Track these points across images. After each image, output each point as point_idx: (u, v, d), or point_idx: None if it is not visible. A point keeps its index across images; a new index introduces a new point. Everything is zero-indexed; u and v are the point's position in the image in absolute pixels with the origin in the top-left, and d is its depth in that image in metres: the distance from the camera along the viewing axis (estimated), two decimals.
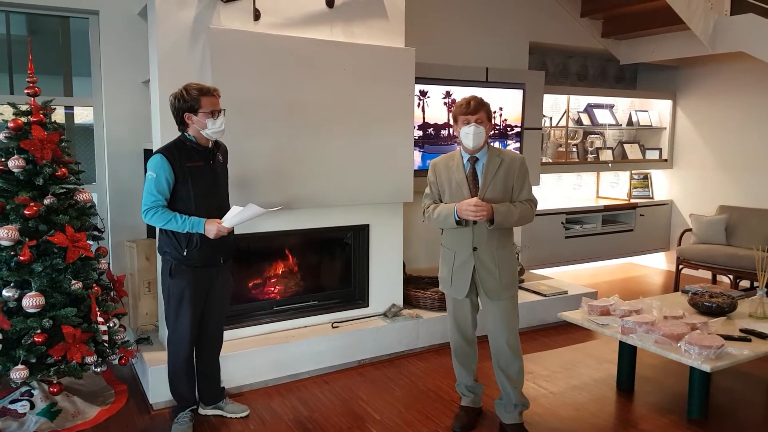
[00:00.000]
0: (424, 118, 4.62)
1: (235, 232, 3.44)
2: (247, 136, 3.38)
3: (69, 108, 4.06)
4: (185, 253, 2.80)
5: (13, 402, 3.12)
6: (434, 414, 3.20)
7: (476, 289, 2.90)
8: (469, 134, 2.76)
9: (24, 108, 3.09)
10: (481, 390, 3.15)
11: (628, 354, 3.55)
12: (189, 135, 2.83)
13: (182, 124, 2.81)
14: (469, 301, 2.94)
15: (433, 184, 2.98)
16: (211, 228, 2.73)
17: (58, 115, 3.94)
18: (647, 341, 3.08)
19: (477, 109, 2.76)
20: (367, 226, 3.99)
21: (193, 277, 2.85)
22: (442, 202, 2.93)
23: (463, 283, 2.87)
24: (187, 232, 2.76)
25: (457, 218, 2.77)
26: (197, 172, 2.80)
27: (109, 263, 3.43)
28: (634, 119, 6.59)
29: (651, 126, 6.65)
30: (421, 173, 4.45)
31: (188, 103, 2.73)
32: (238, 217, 2.79)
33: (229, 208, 2.93)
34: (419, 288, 4.32)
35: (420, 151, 4.59)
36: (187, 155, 2.79)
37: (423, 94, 4.58)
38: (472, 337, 3.03)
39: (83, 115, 4.10)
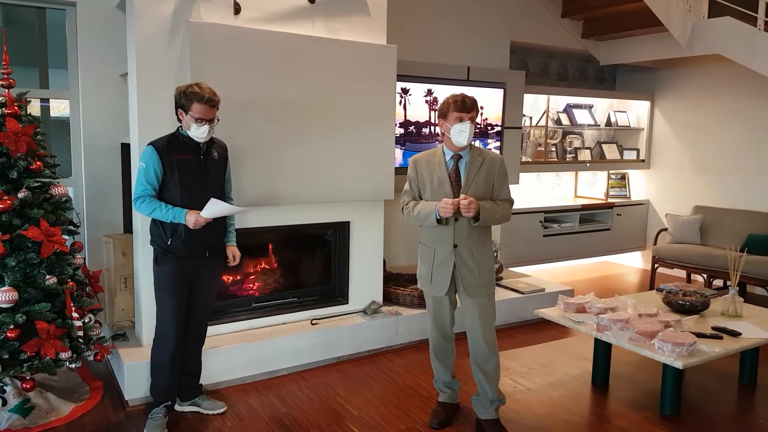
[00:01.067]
0: (405, 115, 4.63)
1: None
2: (226, 131, 3.34)
3: (45, 101, 3.99)
4: (169, 242, 2.84)
5: None
6: (412, 410, 3.22)
7: (455, 286, 2.91)
8: (463, 132, 2.75)
9: None
10: (459, 386, 3.18)
11: (603, 351, 3.61)
12: (183, 130, 2.86)
13: (178, 117, 2.84)
14: (448, 299, 2.97)
15: (413, 180, 2.98)
16: (190, 218, 2.78)
17: (34, 108, 3.87)
18: (622, 338, 3.13)
19: (472, 107, 2.78)
20: (348, 223, 3.99)
21: (177, 266, 2.88)
22: (421, 198, 2.94)
23: (443, 280, 2.89)
24: (171, 222, 2.80)
25: (438, 216, 2.78)
26: (185, 165, 2.83)
27: (84, 258, 3.38)
28: (612, 120, 6.67)
29: (629, 127, 6.75)
30: (402, 171, 4.47)
31: (182, 101, 2.77)
32: (210, 210, 2.81)
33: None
34: (399, 285, 4.34)
35: (401, 149, 4.60)
36: (177, 148, 2.83)
37: (405, 91, 4.59)
38: (450, 333, 3.05)
39: (59, 108, 4.03)
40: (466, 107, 2.76)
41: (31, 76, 3.91)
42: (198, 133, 2.81)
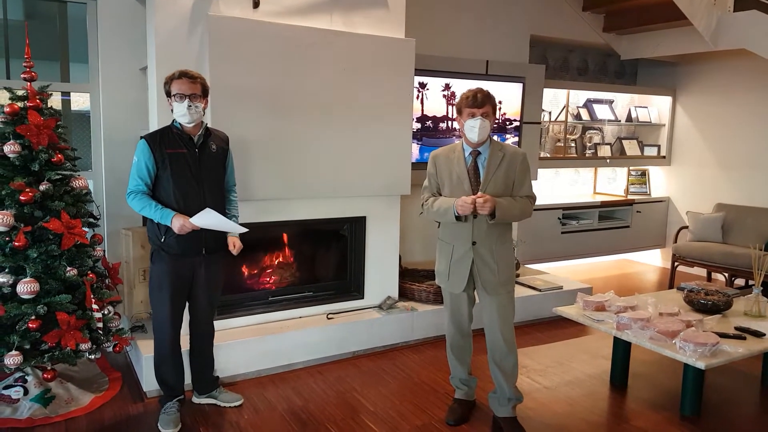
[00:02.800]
0: (422, 110, 4.59)
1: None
2: (244, 124, 3.36)
3: (66, 94, 4.03)
4: (162, 240, 2.82)
5: (6, 388, 3.12)
6: (428, 406, 3.21)
7: (473, 283, 2.89)
8: (474, 127, 2.73)
9: (20, 93, 3.07)
10: (475, 383, 3.16)
11: (622, 350, 3.56)
12: (176, 122, 2.83)
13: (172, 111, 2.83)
14: (466, 296, 2.94)
15: (432, 176, 2.95)
16: (176, 222, 2.72)
17: (55, 102, 3.91)
18: (642, 338, 3.09)
19: (483, 102, 2.73)
20: (364, 218, 3.98)
21: (172, 264, 2.85)
22: (440, 194, 2.92)
23: (461, 277, 2.86)
24: (171, 204, 2.77)
25: (457, 213, 2.76)
26: (177, 160, 2.78)
27: (104, 251, 3.41)
28: (633, 115, 6.58)
29: (650, 122, 6.64)
30: (419, 166, 4.45)
31: (166, 87, 2.76)
32: (204, 221, 2.75)
33: (222, 199, 2.95)
34: (415, 281, 4.32)
35: (418, 144, 4.58)
36: (170, 142, 2.78)
37: (422, 86, 4.56)
38: (467, 330, 3.03)
39: (80, 101, 4.07)
40: (477, 103, 2.73)
41: (53, 69, 3.95)
42: (179, 110, 2.72)
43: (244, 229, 2.92)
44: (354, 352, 3.83)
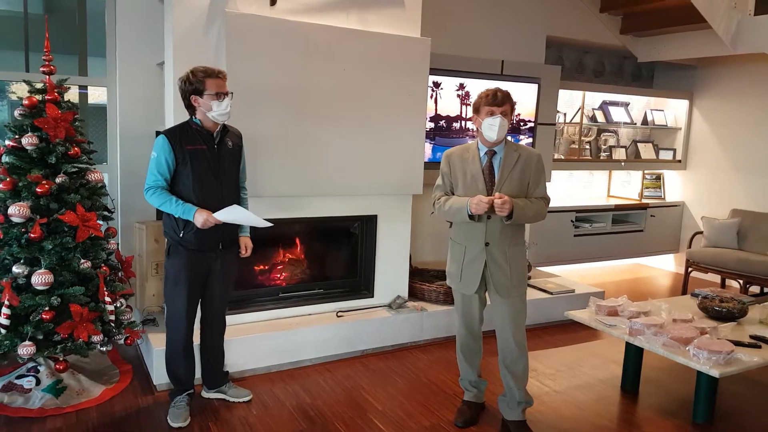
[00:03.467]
0: (436, 109, 4.58)
1: None
2: (259, 121, 3.37)
3: (83, 88, 4.06)
4: (181, 235, 2.83)
5: (19, 377, 3.16)
6: (436, 407, 3.20)
7: (485, 284, 2.87)
8: (494, 126, 2.70)
9: (39, 86, 3.09)
10: (485, 386, 3.14)
11: (634, 355, 3.53)
12: (195, 119, 2.84)
13: (190, 108, 2.82)
14: (478, 297, 2.92)
15: (446, 176, 2.93)
16: (199, 218, 2.73)
17: (72, 95, 3.94)
18: (655, 344, 3.05)
19: (503, 101, 2.71)
20: (375, 216, 3.97)
21: (189, 259, 2.87)
22: (453, 194, 2.90)
23: (473, 278, 2.84)
24: (191, 199, 2.78)
25: (470, 212, 2.74)
26: (198, 156, 2.80)
27: (118, 244, 3.44)
28: (649, 118, 6.51)
29: (666, 126, 6.58)
30: (431, 165, 4.44)
31: (194, 85, 2.74)
32: (226, 215, 2.77)
33: (238, 194, 2.97)
34: (425, 281, 4.31)
35: (431, 144, 4.56)
36: (190, 138, 2.80)
37: (436, 85, 4.55)
38: (478, 332, 3.02)
39: (96, 95, 4.10)
40: (497, 101, 2.71)
41: (71, 63, 3.98)
42: (221, 108, 2.75)
43: (269, 224, 2.92)
44: (363, 350, 3.83)
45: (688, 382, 3.39)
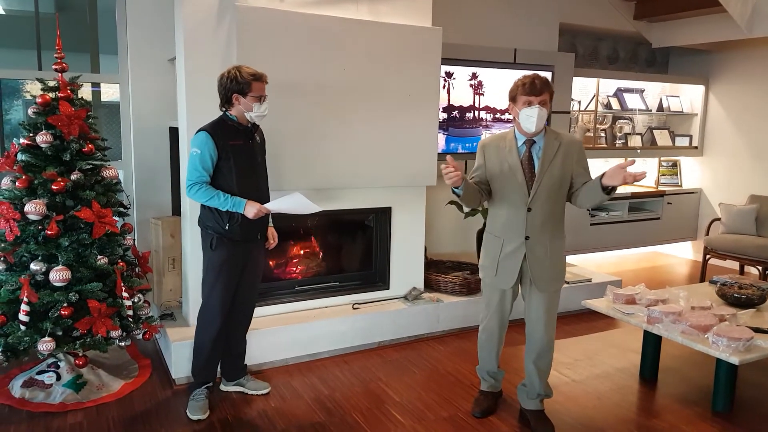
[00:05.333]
0: (449, 100, 4.55)
1: None
2: (272, 115, 3.33)
3: (96, 86, 4.09)
4: (227, 227, 2.86)
5: (40, 373, 3.20)
6: (454, 397, 3.19)
7: (521, 278, 2.79)
8: (532, 117, 2.57)
9: (52, 84, 3.11)
10: (502, 376, 3.11)
11: (652, 344, 3.49)
12: (231, 115, 2.86)
13: (228, 103, 2.84)
14: (512, 291, 2.85)
15: (480, 168, 2.79)
16: (251, 209, 2.80)
17: (85, 93, 3.97)
18: (674, 332, 3.02)
19: (542, 90, 2.56)
20: (389, 208, 3.96)
21: (233, 250, 2.91)
22: (489, 186, 2.79)
23: (511, 273, 2.75)
24: (228, 210, 2.82)
25: (454, 189, 2.60)
26: (238, 151, 2.85)
27: (134, 239, 3.46)
28: (664, 105, 6.42)
29: (682, 112, 6.48)
30: (443, 157, 4.41)
31: (240, 85, 2.77)
32: (284, 205, 2.84)
33: (267, 187, 3.03)
34: (440, 272, 4.30)
35: (444, 134, 4.53)
36: (229, 134, 2.84)
37: (449, 75, 4.51)
38: (505, 325, 2.96)
39: (110, 92, 4.13)
40: (535, 90, 2.55)
41: (83, 61, 4.00)
42: (261, 111, 2.83)
43: (320, 208, 2.98)
44: (379, 342, 3.83)
45: (708, 370, 3.35)
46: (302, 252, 3.95)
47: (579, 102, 5.90)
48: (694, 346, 2.91)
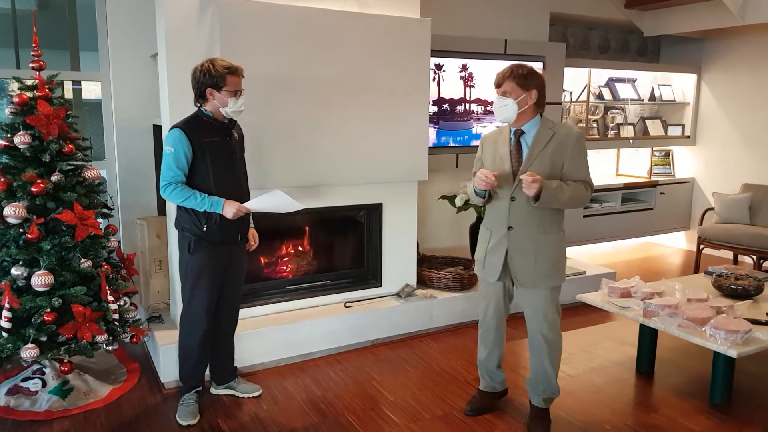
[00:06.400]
0: (439, 93, 4.47)
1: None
2: (257, 111, 3.28)
3: (77, 83, 3.98)
4: (205, 229, 2.76)
5: (25, 380, 3.12)
6: (449, 396, 3.14)
7: (509, 273, 2.71)
8: (495, 108, 2.62)
9: (30, 83, 3.02)
10: (502, 377, 3.00)
11: (648, 336, 3.46)
12: (206, 110, 2.77)
13: (202, 98, 2.74)
14: (502, 286, 2.78)
15: (478, 161, 2.81)
16: (230, 209, 2.69)
17: (66, 91, 3.87)
18: (670, 325, 2.98)
19: (500, 81, 2.59)
20: (380, 205, 3.89)
21: (213, 253, 2.82)
22: None
23: (495, 265, 2.70)
24: (206, 210, 2.72)
25: (476, 189, 2.63)
26: (214, 148, 2.75)
27: (119, 241, 3.38)
28: (656, 94, 6.37)
29: (674, 101, 6.44)
30: (435, 151, 4.35)
31: (214, 78, 2.68)
32: (265, 203, 2.75)
33: (247, 186, 2.93)
34: (433, 268, 4.23)
35: (435, 128, 4.46)
36: (205, 130, 2.74)
37: (438, 67, 4.44)
38: (501, 323, 2.88)
39: (93, 90, 4.02)
40: (496, 81, 2.61)
41: (63, 58, 3.90)
42: (237, 106, 2.73)
43: (301, 206, 2.87)
44: (373, 340, 3.78)
45: (705, 361, 3.32)
46: (292, 250, 3.88)
47: (570, 93, 5.84)
48: (691, 339, 2.87)
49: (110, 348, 3.14)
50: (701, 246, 5.53)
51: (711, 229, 5.45)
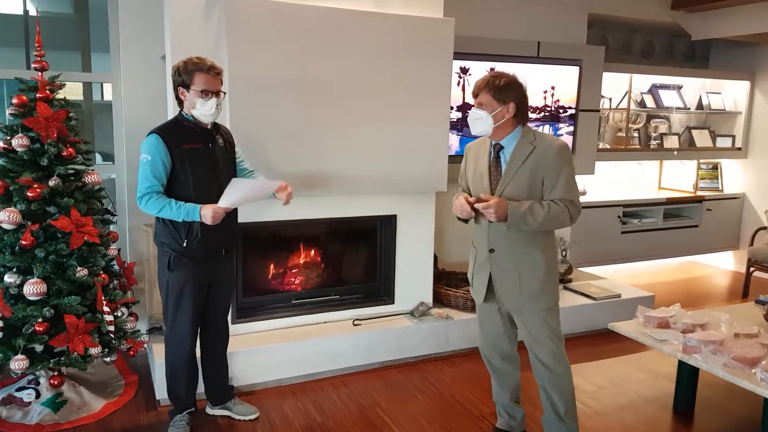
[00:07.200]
0: (464, 98, 4.21)
1: (253, 220, 3.21)
2: (265, 115, 3.11)
3: (89, 84, 3.89)
4: (185, 245, 2.57)
5: (20, 389, 3.02)
6: (460, 430, 2.87)
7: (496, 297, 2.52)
8: (470, 120, 2.39)
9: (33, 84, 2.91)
10: (521, 414, 2.73)
11: (688, 372, 3.11)
12: (186, 114, 2.58)
13: (179, 100, 2.57)
14: (497, 309, 2.56)
15: (462, 173, 2.63)
16: (207, 213, 2.45)
17: (77, 92, 3.79)
18: (714, 364, 2.63)
19: (476, 92, 2.36)
20: (394, 216, 3.65)
21: (195, 270, 2.62)
22: (468, 192, 2.57)
23: (480, 286, 2.53)
24: (184, 220, 2.50)
25: (459, 217, 2.46)
26: (195, 156, 2.55)
27: (119, 249, 3.24)
28: (704, 102, 5.96)
29: (724, 110, 6.01)
30: (457, 159, 4.08)
31: (182, 77, 2.50)
32: (233, 197, 2.49)
33: None
34: (451, 285, 3.96)
35: (458, 135, 4.20)
36: (184, 136, 2.55)
37: (464, 71, 4.17)
38: (507, 351, 2.63)
39: (106, 93, 3.93)
40: (474, 91, 2.37)
41: (76, 60, 3.81)
42: (205, 109, 2.50)
43: (279, 181, 2.63)
44: (382, 362, 3.54)
45: (752, 403, 2.96)
46: (299, 263, 3.68)
47: (610, 99, 5.49)
48: (738, 382, 2.51)
49: (109, 359, 3.02)
50: (751, 269, 5.09)
51: (763, 250, 5.01)
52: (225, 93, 2.61)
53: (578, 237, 4.96)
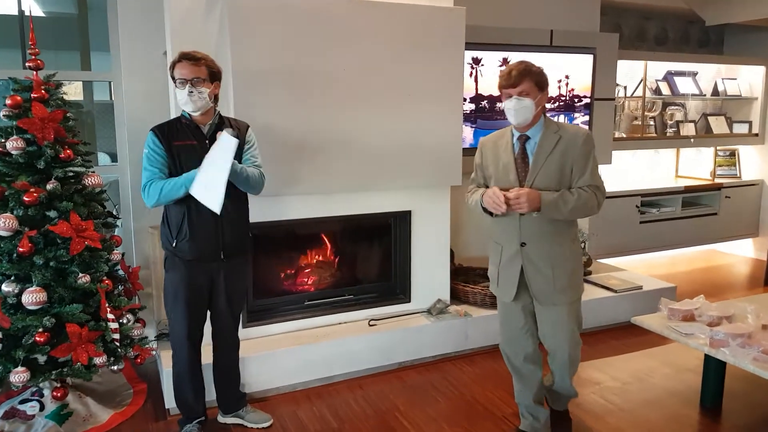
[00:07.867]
0: (477, 89, 4.08)
1: (264, 220, 3.09)
2: (271, 111, 2.99)
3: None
4: (174, 245, 2.50)
5: (23, 402, 2.91)
6: None
7: (528, 291, 2.46)
8: (510, 110, 2.32)
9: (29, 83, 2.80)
10: (546, 416, 2.61)
11: (715, 366, 2.98)
12: (184, 112, 2.50)
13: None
14: (521, 307, 2.48)
15: (478, 167, 2.55)
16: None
17: (77, 92, 3.68)
18: (743, 358, 2.52)
19: (518, 81, 2.28)
20: (409, 212, 3.53)
21: (186, 272, 2.53)
22: (487, 187, 2.47)
23: (510, 283, 2.45)
24: (182, 200, 2.42)
25: (483, 206, 2.36)
26: (187, 152, 2.46)
27: (123, 253, 3.13)
28: (720, 88, 5.80)
29: (740, 96, 5.85)
30: (471, 152, 3.96)
31: (170, 71, 2.45)
32: (203, 185, 2.33)
33: (236, 197, 2.57)
34: (469, 281, 3.84)
35: (472, 127, 4.07)
36: (178, 133, 2.48)
37: (476, 61, 4.04)
38: (530, 351, 2.53)
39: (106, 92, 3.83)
40: (511, 81, 2.29)
41: (75, 59, 3.71)
42: (181, 97, 2.41)
43: (235, 139, 2.34)
44: (399, 363, 3.42)
45: None
46: (312, 262, 3.56)
47: (625, 87, 5.35)
48: None
49: (116, 368, 2.90)
50: None
51: None
52: (216, 83, 2.48)
53: (596, 228, 4.82)
